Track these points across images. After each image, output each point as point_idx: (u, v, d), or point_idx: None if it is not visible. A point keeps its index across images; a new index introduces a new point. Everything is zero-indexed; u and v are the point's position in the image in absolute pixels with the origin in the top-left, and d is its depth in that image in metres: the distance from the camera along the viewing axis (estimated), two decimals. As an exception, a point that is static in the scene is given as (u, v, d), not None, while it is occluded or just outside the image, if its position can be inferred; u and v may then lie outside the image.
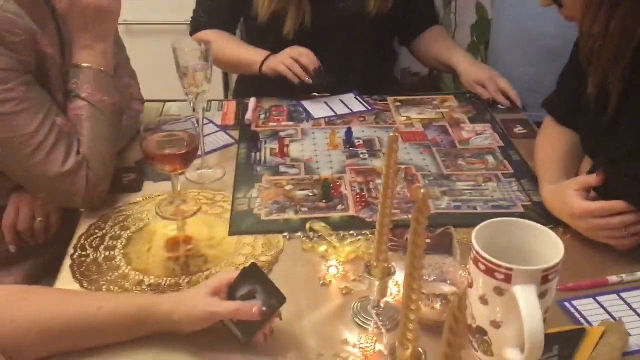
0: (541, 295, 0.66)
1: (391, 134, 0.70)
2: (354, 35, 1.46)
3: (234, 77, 1.86)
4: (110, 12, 1.02)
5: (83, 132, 0.99)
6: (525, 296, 0.65)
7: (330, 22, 1.42)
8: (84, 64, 1.01)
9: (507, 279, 0.66)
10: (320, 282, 0.87)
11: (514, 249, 0.73)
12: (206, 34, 1.48)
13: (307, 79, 1.32)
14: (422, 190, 0.56)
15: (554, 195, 0.96)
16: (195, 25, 1.51)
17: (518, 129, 1.28)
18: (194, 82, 1.03)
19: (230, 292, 0.73)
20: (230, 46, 1.45)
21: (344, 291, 0.85)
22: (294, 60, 1.32)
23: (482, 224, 0.72)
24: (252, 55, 1.40)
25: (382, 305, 0.80)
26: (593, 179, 0.90)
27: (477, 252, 0.68)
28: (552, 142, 1.08)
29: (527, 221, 0.74)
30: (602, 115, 0.95)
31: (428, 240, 0.92)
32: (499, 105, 1.37)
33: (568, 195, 0.91)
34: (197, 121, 1.09)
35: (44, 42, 0.97)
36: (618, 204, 0.87)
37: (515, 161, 1.16)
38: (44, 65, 0.98)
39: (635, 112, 0.91)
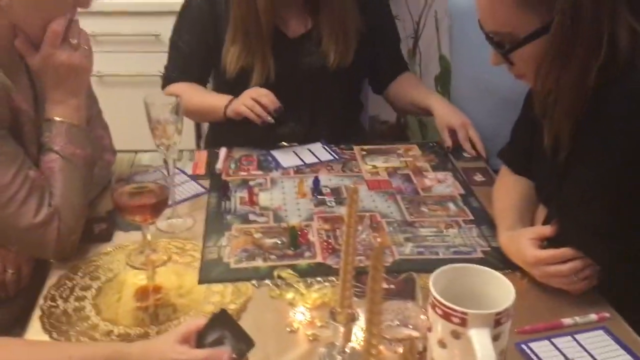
0: (495, 337, 0.70)
1: (351, 185, 0.74)
2: (319, 88, 1.52)
3: (205, 127, 1.90)
4: (83, 69, 1.05)
5: (55, 184, 1.01)
6: (479, 339, 0.68)
7: (295, 76, 1.48)
8: (57, 118, 1.04)
9: (463, 322, 0.69)
10: (288, 329, 0.89)
11: (470, 294, 0.77)
12: (176, 86, 1.53)
13: (268, 118, 1.35)
14: (378, 240, 0.60)
15: (511, 242, 1.01)
16: (167, 80, 1.56)
17: (478, 177, 1.34)
18: (165, 134, 1.07)
19: (199, 338, 0.75)
20: (198, 95, 1.50)
21: (311, 337, 0.87)
22: (254, 101, 1.36)
23: (440, 269, 0.76)
24: (216, 101, 1.45)
25: (347, 350, 0.82)
26: (548, 230, 0.95)
27: (434, 297, 0.72)
28: (508, 190, 1.14)
29: (481, 267, 0.78)
30: (554, 165, 1.00)
31: (392, 286, 0.96)
32: (464, 154, 1.43)
33: (523, 243, 0.96)
34: (168, 172, 1.12)
35: (19, 98, 1.00)
36: (567, 252, 0.92)
37: (475, 208, 1.21)
38: (18, 120, 1.01)
39: (584, 161, 0.97)
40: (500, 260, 1.05)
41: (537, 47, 0.89)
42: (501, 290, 0.76)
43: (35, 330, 0.88)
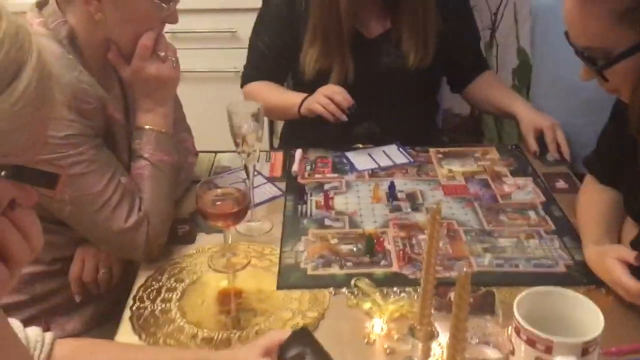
0: (582, 367, 0.68)
1: (434, 205, 0.73)
2: (396, 89, 1.51)
3: (279, 126, 1.93)
4: (171, 80, 1.10)
5: (145, 190, 1.06)
6: (566, 368, 0.67)
7: (373, 77, 1.47)
8: (146, 127, 1.09)
9: (548, 350, 0.68)
10: (365, 340, 0.90)
11: (555, 317, 0.75)
12: (254, 85, 1.56)
13: (342, 116, 1.36)
14: (465, 270, 0.59)
15: (597, 258, 0.97)
16: (245, 79, 1.59)
17: (560, 184, 1.30)
18: (246, 142, 1.09)
19: (281, 352, 0.78)
20: (274, 93, 1.52)
21: (388, 351, 0.88)
22: (328, 99, 1.37)
23: (524, 293, 0.74)
24: (291, 99, 1.47)
25: (425, 366, 0.82)
26: (632, 259, 0.91)
27: (518, 322, 0.71)
28: (593, 200, 1.09)
29: (567, 291, 0.76)
30: None
31: (470, 300, 0.95)
32: (548, 156, 1.38)
33: (610, 263, 0.92)
34: (248, 176, 1.15)
35: (112, 107, 1.06)
36: None
37: (557, 217, 1.18)
38: (112, 129, 1.06)
39: None
40: (584, 275, 1.02)
41: (634, 62, 0.84)
42: (589, 315, 0.74)
43: (125, 331, 0.93)
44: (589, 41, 0.88)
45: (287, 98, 1.50)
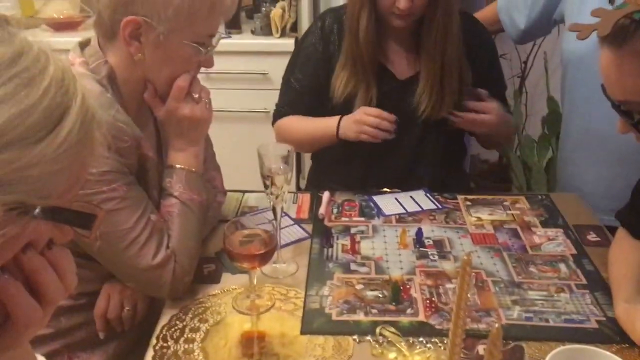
0: None
1: (464, 257, 0.72)
2: (420, 131, 1.52)
3: (306, 167, 1.94)
4: (203, 120, 1.12)
5: (173, 227, 1.07)
6: None
7: (398, 116, 1.45)
8: (177, 165, 1.10)
9: (582, 412, 0.66)
10: (390, 391, 0.88)
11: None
12: (286, 119, 1.58)
13: (390, 135, 1.40)
14: (496, 326, 0.58)
15: (628, 316, 0.95)
16: (277, 116, 1.61)
17: (592, 237, 1.27)
18: (275, 184, 1.10)
19: None
20: (307, 122, 1.54)
21: (412, 403, 0.86)
22: (369, 126, 1.40)
23: (556, 350, 0.72)
24: (326, 122, 1.49)
25: (451, 422, 0.80)
26: None
27: (550, 382, 0.69)
28: (626, 256, 1.07)
29: (600, 350, 0.74)
30: None
31: (500, 356, 0.92)
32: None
33: None
34: (275, 217, 1.15)
35: (146, 145, 1.08)
36: None
37: (588, 271, 1.15)
38: (145, 166, 1.08)
39: None
40: (616, 333, 0.99)
41: None
42: (623, 377, 0.71)
43: (148, 370, 0.92)
44: (625, 95, 0.88)
45: (321, 122, 1.51)
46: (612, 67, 0.88)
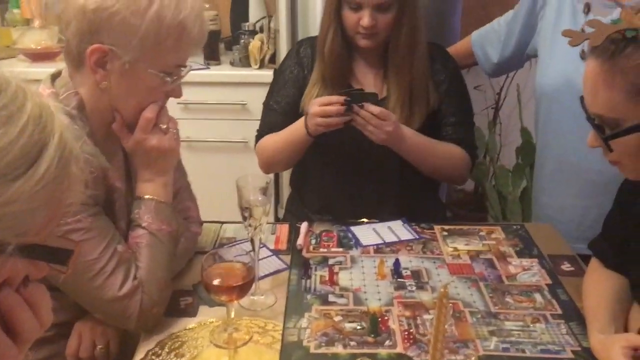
0: None
1: (441, 289, 0.73)
2: (392, 157, 1.52)
3: (285, 196, 1.95)
4: (171, 151, 1.12)
5: (141, 258, 1.06)
6: None
7: (367, 141, 1.46)
8: (146, 196, 1.10)
9: None
10: None
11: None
12: (263, 139, 1.59)
13: (345, 118, 1.37)
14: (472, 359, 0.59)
15: (602, 347, 0.96)
16: (258, 138, 1.62)
17: (566, 266, 1.29)
18: (254, 216, 1.10)
19: None
20: (280, 132, 1.54)
21: None
22: (324, 116, 1.39)
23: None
24: (294, 125, 1.49)
25: None
26: None
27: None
28: (599, 287, 1.09)
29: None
30: None
31: (476, 386, 0.93)
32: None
33: (615, 352, 0.91)
34: (254, 248, 1.15)
35: (114, 176, 1.08)
36: None
37: (563, 301, 1.16)
38: (112, 197, 1.08)
39: None
40: (591, 363, 1.00)
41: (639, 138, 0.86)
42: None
43: (123, 407, 0.91)
44: (602, 109, 0.89)
45: (291, 126, 1.51)
46: (593, 79, 0.89)
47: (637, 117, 0.86)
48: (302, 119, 1.47)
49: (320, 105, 1.39)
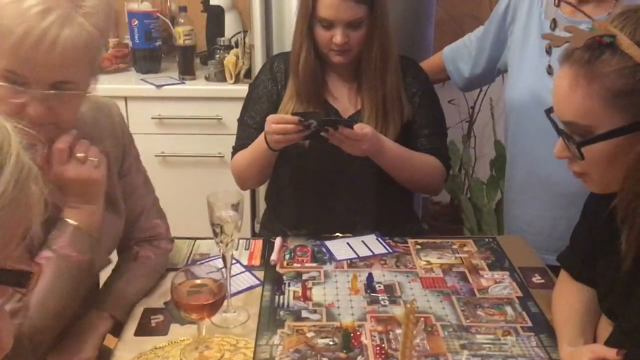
0: None
1: (408, 305, 0.74)
2: (364, 171, 1.54)
3: (262, 210, 1.94)
4: (92, 181, 1.06)
5: (38, 282, 0.99)
6: None
7: (341, 155, 1.46)
8: (68, 220, 1.05)
9: None
10: None
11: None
12: (236, 155, 1.58)
13: (305, 132, 1.35)
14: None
15: (572, 359, 0.97)
16: (233, 155, 1.61)
17: (536, 279, 1.30)
18: (225, 232, 1.10)
19: None
20: (247, 148, 1.54)
21: None
22: (280, 134, 1.37)
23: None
24: (257, 141, 1.49)
25: None
26: (611, 355, 0.90)
27: None
28: (568, 299, 1.10)
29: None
30: (622, 275, 0.96)
31: (447, 400, 0.93)
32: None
33: None
34: (225, 265, 1.14)
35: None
36: None
37: (534, 314, 1.17)
38: None
39: None
40: (561, 375, 1.01)
41: (610, 147, 0.86)
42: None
43: None
44: (576, 116, 0.88)
45: (254, 142, 1.51)
46: (568, 86, 0.89)
47: (610, 123, 0.86)
48: (262, 134, 1.47)
49: (274, 124, 1.38)
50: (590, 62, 0.87)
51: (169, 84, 2.27)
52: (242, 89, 2.18)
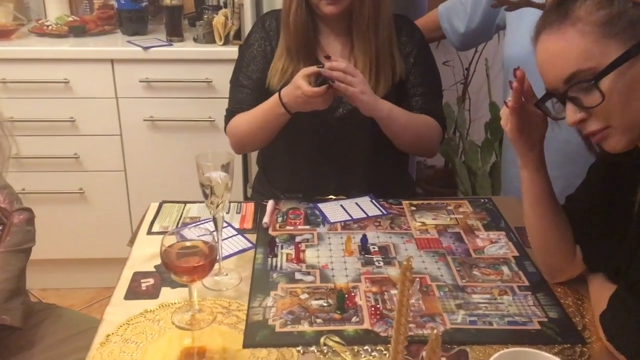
0: None
1: (404, 262, 0.71)
2: (358, 133, 1.52)
3: (254, 174, 1.91)
4: None
5: None
6: None
7: (334, 118, 1.48)
8: None
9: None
10: (334, 403, 0.86)
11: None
12: (236, 117, 1.53)
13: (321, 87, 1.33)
14: (434, 332, 0.57)
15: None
16: (228, 117, 1.56)
17: (533, 238, 1.29)
18: (215, 194, 1.06)
19: None
20: (253, 110, 1.49)
21: (357, 414, 0.84)
22: (306, 96, 1.34)
23: (496, 355, 0.72)
24: (268, 101, 1.45)
25: None
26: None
27: (491, 386, 0.68)
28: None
29: (540, 352, 0.74)
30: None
31: (444, 359, 0.92)
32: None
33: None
34: (216, 228, 1.12)
35: None
36: None
37: (530, 273, 1.16)
38: None
39: None
40: (557, 333, 1.00)
41: (625, 75, 0.84)
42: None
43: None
44: (575, 64, 0.86)
45: (265, 102, 1.46)
46: (554, 44, 0.88)
47: (612, 54, 0.84)
48: (274, 97, 1.42)
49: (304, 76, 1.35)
50: (566, 14, 0.87)
51: (156, 46, 2.20)
52: (232, 51, 2.13)
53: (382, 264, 1.19)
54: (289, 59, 1.48)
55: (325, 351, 0.95)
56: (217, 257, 1.10)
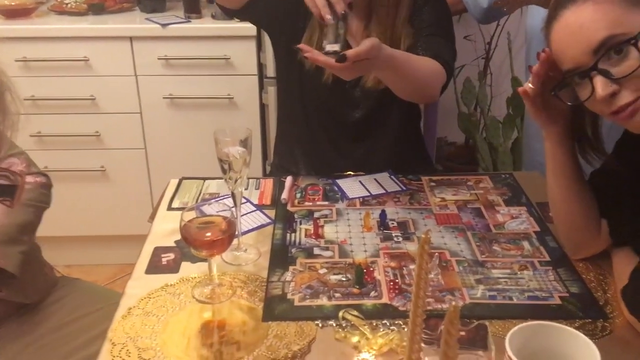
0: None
1: (423, 235, 0.70)
2: (374, 110, 1.50)
3: (272, 150, 1.91)
4: None
5: None
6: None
7: (352, 95, 1.46)
8: None
9: (542, 389, 0.65)
10: (352, 375, 0.86)
11: (549, 352, 0.72)
12: None
13: (327, 16, 1.21)
14: (453, 304, 0.56)
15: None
16: None
17: (554, 214, 1.27)
18: (233, 169, 1.07)
19: None
20: None
21: (375, 387, 0.84)
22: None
23: (516, 328, 0.71)
24: None
25: (414, 404, 0.79)
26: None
27: (510, 358, 0.68)
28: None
29: (561, 326, 0.73)
30: None
31: (462, 333, 0.91)
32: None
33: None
34: (235, 203, 1.12)
35: None
36: None
37: (552, 248, 1.15)
38: None
39: None
40: (578, 308, 0.99)
41: None
42: (583, 350, 0.70)
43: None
44: (607, 30, 0.84)
45: None
46: (582, 17, 0.86)
47: None
48: None
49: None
50: None
51: (175, 23, 2.20)
52: (251, 27, 2.13)
53: (400, 239, 1.19)
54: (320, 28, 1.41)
55: (343, 325, 0.96)
56: (236, 233, 1.10)
